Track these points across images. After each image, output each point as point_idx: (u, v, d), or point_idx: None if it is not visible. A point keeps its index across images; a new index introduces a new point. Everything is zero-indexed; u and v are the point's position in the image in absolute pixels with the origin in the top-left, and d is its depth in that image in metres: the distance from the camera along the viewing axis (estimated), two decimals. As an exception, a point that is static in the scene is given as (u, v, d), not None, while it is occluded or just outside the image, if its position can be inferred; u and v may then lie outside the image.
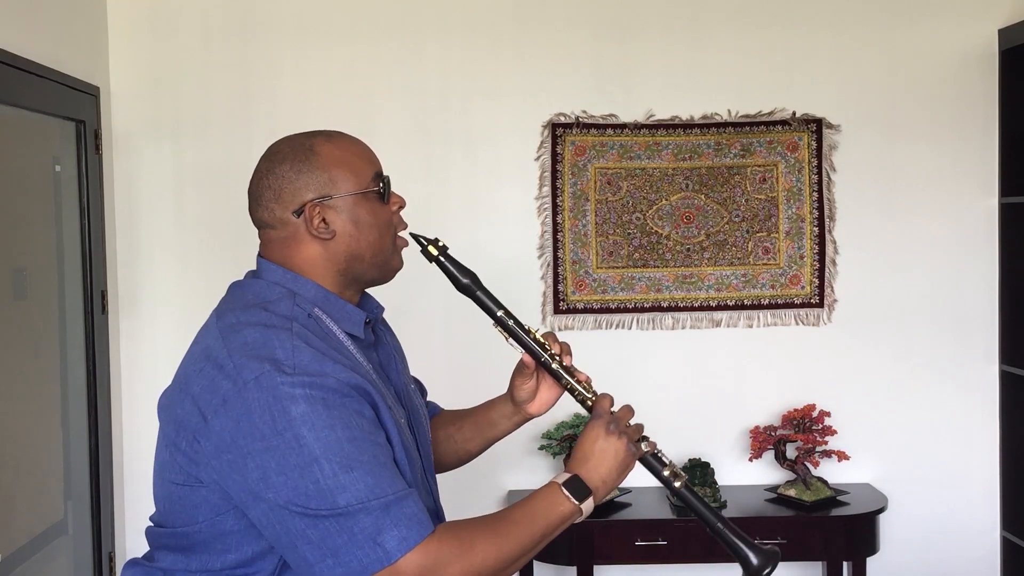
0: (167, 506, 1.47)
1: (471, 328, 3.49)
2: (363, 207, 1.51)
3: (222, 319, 1.46)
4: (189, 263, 3.56)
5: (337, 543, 1.31)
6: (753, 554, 1.56)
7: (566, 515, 1.48)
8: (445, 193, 3.53)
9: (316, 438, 1.32)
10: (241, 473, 1.35)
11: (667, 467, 1.60)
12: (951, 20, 3.54)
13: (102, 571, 3.27)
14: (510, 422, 1.79)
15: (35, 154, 3.26)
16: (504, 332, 1.65)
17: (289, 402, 1.33)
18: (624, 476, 1.56)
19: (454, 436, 1.82)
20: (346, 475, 1.32)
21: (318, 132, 1.57)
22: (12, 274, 3.05)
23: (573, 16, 3.56)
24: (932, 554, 3.62)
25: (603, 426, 1.56)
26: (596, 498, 1.52)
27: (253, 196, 1.55)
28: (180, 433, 1.42)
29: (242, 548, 1.42)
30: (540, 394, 1.74)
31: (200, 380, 1.40)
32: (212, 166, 3.55)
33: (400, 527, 1.33)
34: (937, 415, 3.62)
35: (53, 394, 3.28)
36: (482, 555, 1.38)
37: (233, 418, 1.35)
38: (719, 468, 3.54)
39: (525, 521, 1.45)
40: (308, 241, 1.51)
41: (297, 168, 1.50)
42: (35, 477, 3.19)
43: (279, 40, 3.55)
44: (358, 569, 1.31)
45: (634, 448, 1.56)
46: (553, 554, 3.35)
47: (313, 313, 1.47)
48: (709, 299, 3.58)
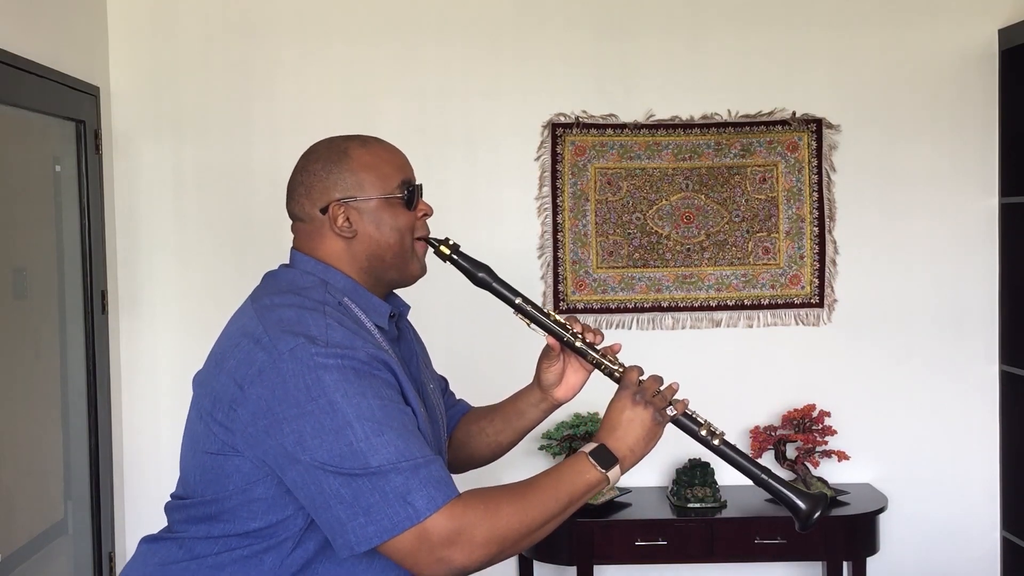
0: (198, 475, 1.52)
1: (478, 328, 3.50)
2: (386, 211, 1.58)
3: (257, 301, 1.53)
4: (189, 263, 3.56)
5: (369, 502, 1.37)
6: (801, 500, 1.60)
7: (592, 483, 1.51)
8: (445, 193, 3.52)
9: (349, 403, 1.38)
10: (277, 438, 1.40)
11: (702, 427, 1.63)
12: (951, 20, 3.54)
13: (102, 571, 3.27)
14: (538, 410, 1.82)
15: (35, 154, 3.26)
16: (525, 318, 1.68)
17: (323, 371, 1.39)
18: (652, 444, 1.59)
19: (486, 430, 1.86)
20: (377, 438, 1.38)
21: (357, 136, 1.64)
22: (12, 274, 3.05)
23: (573, 16, 3.56)
24: (932, 554, 3.62)
25: (629, 396, 1.59)
26: (623, 467, 1.55)
27: (288, 190, 1.63)
28: (217, 404, 1.47)
29: (267, 516, 1.47)
30: (567, 378, 1.78)
31: (236, 354, 1.46)
32: (212, 166, 3.55)
33: (429, 487, 1.37)
34: (937, 415, 3.62)
35: (53, 394, 3.28)
36: (507, 520, 1.41)
37: (269, 386, 1.40)
38: (719, 468, 3.53)
39: (551, 488, 1.48)
40: (332, 237, 1.58)
41: (328, 168, 1.58)
42: (35, 477, 3.19)
43: (279, 40, 3.54)
44: (388, 527, 1.36)
45: (659, 417, 1.59)
46: (553, 554, 3.36)
47: (343, 302, 1.54)
48: (709, 299, 3.58)
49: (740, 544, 3.29)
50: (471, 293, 1.73)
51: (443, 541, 1.37)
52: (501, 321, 3.43)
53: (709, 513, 3.33)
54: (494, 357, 3.45)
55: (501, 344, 3.46)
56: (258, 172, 3.50)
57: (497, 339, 3.43)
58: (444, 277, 1.92)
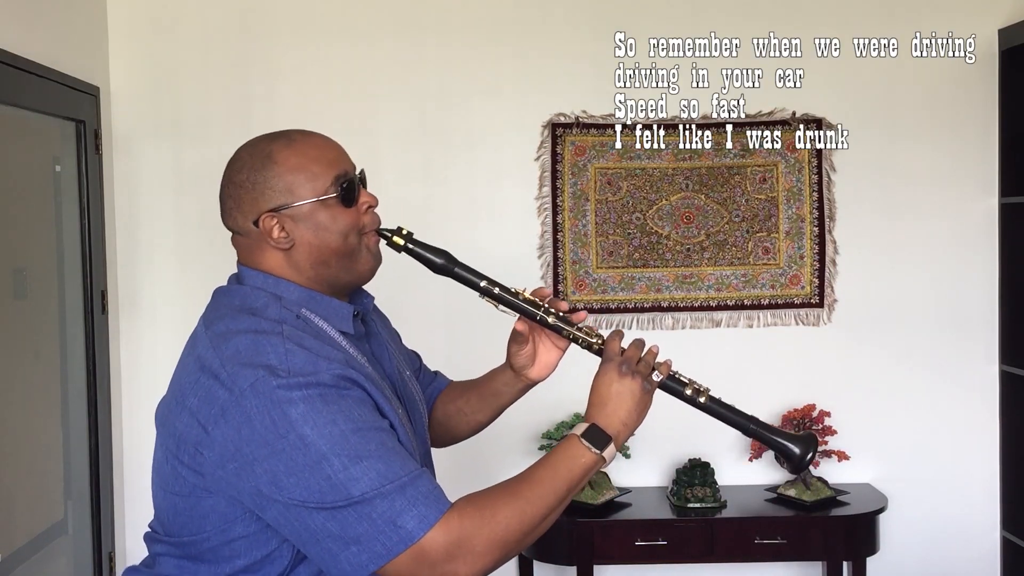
0: (171, 517, 1.46)
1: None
2: (323, 213, 1.47)
3: (211, 328, 1.44)
4: (189, 263, 3.56)
5: (358, 531, 1.31)
6: (793, 444, 1.62)
7: (589, 466, 1.46)
8: (445, 193, 3.53)
9: (320, 435, 1.31)
10: (250, 480, 1.34)
11: (687, 386, 1.60)
12: (951, 20, 3.53)
13: (102, 571, 3.27)
14: (514, 390, 1.77)
15: (35, 154, 3.26)
16: (492, 301, 1.61)
17: (287, 405, 1.32)
18: (644, 415, 1.54)
19: (463, 409, 1.82)
20: (356, 466, 1.31)
21: (281, 134, 1.53)
22: (12, 274, 3.05)
23: (573, 16, 3.56)
24: (932, 554, 3.62)
25: (615, 368, 1.53)
26: (617, 443, 1.50)
27: (220, 202, 1.55)
28: (181, 446, 1.40)
29: (251, 552, 1.41)
30: (539, 358, 1.72)
31: (196, 391, 1.39)
32: (212, 166, 3.50)
33: (418, 506, 1.32)
34: (937, 415, 3.62)
35: (53, 394, 3.27)
36: (506, 522, 1.36)
37: (234, 426, 1.33)
38: (719, 468, 3.54)
39: (547, 480, 1.42)
40: (271, 250, 1.49)
41: (254, 177, 1.48)
42: (35, 477, 3.19)
43: (279, 40, 3.54)
44: (382, 553, 1.31)
45: (647, 385, 1.54)
46: (553, 554, 3.36)
47: (301, 314, 1.45)
48: (709, 299, 3.58)
49: (740, 544, 3.29)
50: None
51: (443, 557, 1.32)
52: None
53: (709, 513, 3.33)
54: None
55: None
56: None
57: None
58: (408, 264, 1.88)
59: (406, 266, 1.70)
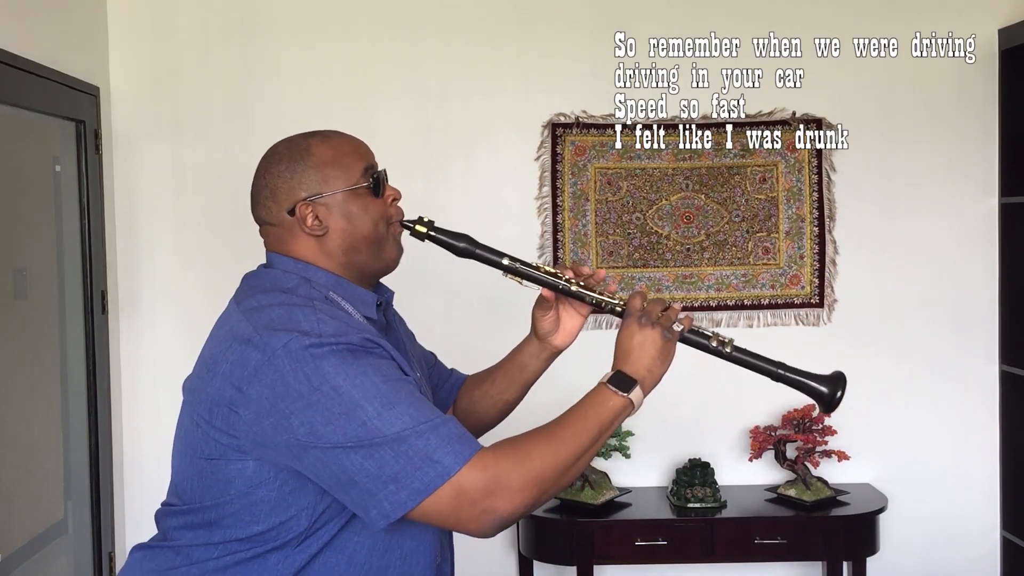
0: (196, 482, 1.50)
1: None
2: (354, 202, 1.57)
3: (243, 303, 1.51)
4: (189, 263, 3.56)
5: (395, 469, 1.36)
6: (822, 385, 1.69)
7: (617, 409, 1.52)
8: (445, 193, 3.53)
9: (352, 384, 1.38)
10: (286, 433, 1.39)
11: (711, 338, 1.67)
12: (951, 20, 3.53)
13: (102, 571, 3.27)
14: (539, 360, 1.83)
15: (35, 154, 3.26)
16: (516, 277, 1.68)
17: (320, 359, 1.38)
18: (668, 363, 1.61)
19: (489, 392, 1.87)
20: (389, 411, 1.37)
21: (315, 132, 1.62)
22: (12, 274, 3.05)
23: (573, 16, 3.56)
24: (932, 554, 3.62)
25: (635, 321, 1.61)
26: (644, 388, 1.56)
27: (253, 195, 1.62)
28: (214, 410, 1.45)
29: (271, 518, 1.46)
30: (563, 324, 1.79)
31: (228, 357, 1.44)
32: (212, 166, 3.55)
33: (453, 443, 1.37)
34: (937, 415, 3.62)
35: (53, 394, 3.28)
36: (540, 460, 1.41)
37: (268, 384, 1.39)
38: (719, 468, 3.54)
39: (578, 422, 1.48)
40: (304, 237, 1.57)
41: (291, 168, 1.56)
42: (35, 477, 3.19)
43: (279, 40, 3.54)
44: (420, 488, 1.36)
45: (668, 334, 1.60)
46: (553, 554, 3.36)
47: (329, 296, 1.53)
48: (709, 299, 3.58)
49: (740, 544, 3.29)
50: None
51: (482, 493, 1.36)
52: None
53: (709, 513, 3.33)
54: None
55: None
56: (258, 172, 3.50)
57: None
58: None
59: (403, 273, 1.71)
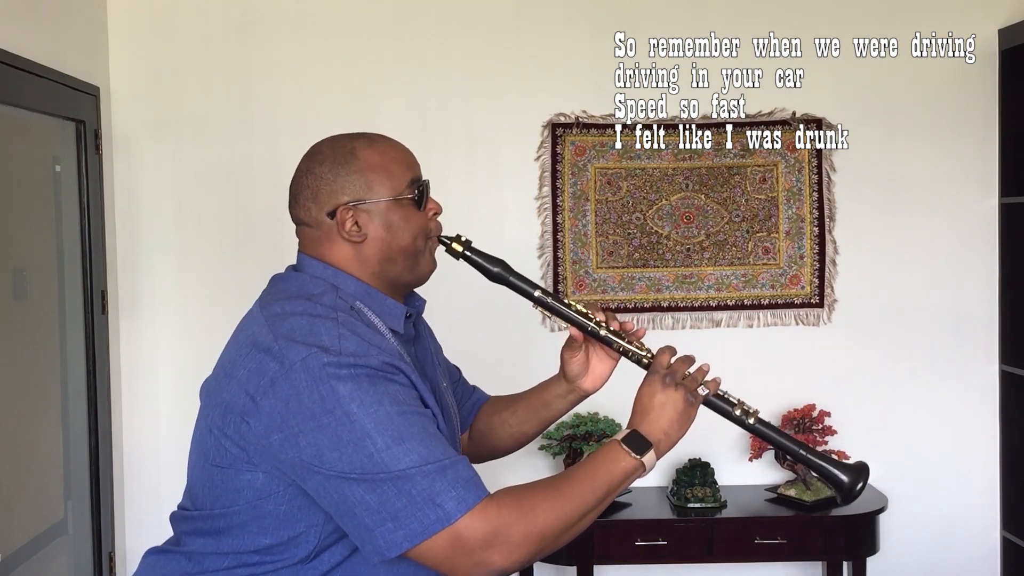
0: (207, 489, 1.48)
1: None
2: (396, 212, 1.52)
3: (267, 308, 1.47)
4: (189, 263, 3.56)
5: (396, 507, 1.33)
6: (843, 473, 1.61)
7: (628, 471, 1.49)
8: (445, 193, 3.46)
9: (365, 413, 1.34)
10: (293, 451, 1.36)
11: (736, 407, 1.61)
12: (951, 20, 3.53)
13: (102, 571, 3.27)
14: (565, 401, 1.79)
15: (35, 154, 3.26)
16: (545, 310, 1.65)
17: (336, 381, 1.35)
18: (687, 427, 1.57)
19: (508, 420, 1.84)
20: (399, 446, 1.34)
21: (361, 135, 1.58)
22: (12, 274, 3.05)
23: (573, 16, 3.56)
24: (932, 554, 3.62)
25: (659, 380, 1.56)
26: (659, 451, 1.52)
27: (292, 194, 1.57)
28: (227, 416, 1.42)
29: (278, 532, 1.43)
30: (593, 368, 1.75)
31: (247, 364, 1.41)
32: (212, 166, 3.55)
33: (457, 488, 1.34)
34: (937, 415, 3.62)
35: (53, 394, 3.27)
36: (543, 516, 1.38)
37: (282, 398, 1.36)
38: (719, 468, 3.54)
39: (586, 480, 1.45)
40: (341, 242, 1.52)
41: (335, 171, 1.52)
42: (35, 477, 3.19)
43: (279, 40, 3.54)
44: (419, 530, 1.33)
45: (691, 398, 1.56)
46: (553, 554, 3.35)
47: (355, 306, 1.49)
48: (709, 299, 3.58)
49: (740, 544, 3.29)
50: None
51: (480, 544, 1.33)
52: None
53: (709, 513, 3.33)
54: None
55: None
56: (258, 172, 3.50)
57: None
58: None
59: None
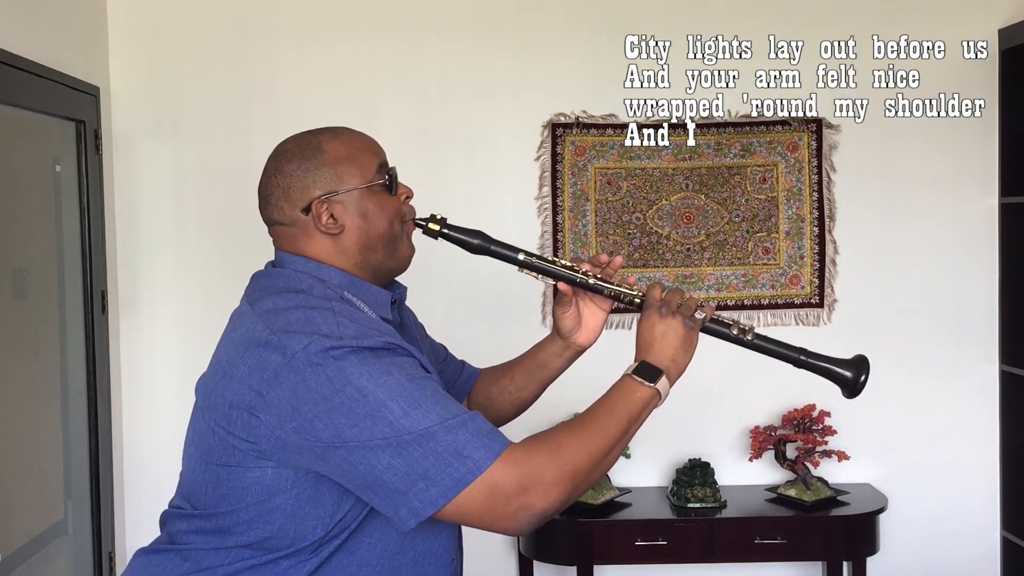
0: (211, 488, 1.46)
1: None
2: (370, 200, 1.54)
3: (257, 305, 1.46)
4: (189, 263, 3.56)
5: (425, 466, 1.32)
6: (845, 370, 1.67)
7: (645, 400, 1.50)
8: (445, 193, 3.53)
9: (376, 384, 1.34)
10: (310, 436, 1.35)
11: (732, 326, 1.65)
12: (951, 20, 3.53)
13: (102, 571, 3.27)
14: (562, 359, 1.81)
15: (35, 154, 3.26)
16: (532, 272, 1.67)
17: (341, 361, 1.35)
18: (691, 352, 1.59)
19: (507, 388, 1.85)
20: (416, 410, 1.34)
21: (324, 129, 1.59)
22: (12, 274, 3.04)
23: (573, 16, 3.56)
24: (932, 554, 3.62)
25: (655, 312, 1.59)
26: (670, 378, 1.55)
27: (263, 195, 1.58)
28: (232, 414, 1.41)
29: (285, 525, 1.43)
30: (585, 321, 1.78)
31: (246, 360, 1.40)
32: (212, 166, 3.55)
33: (482, 438, 1.34)
34: (937, 415, 3.62)
35: (53, 394, 3.27)
36: (572, 453, 1.38)
37: (289, 387, 1.35)
38: (719, 468, 3.54)
39: (606, 415, 1.46)
40: (319, 236, 1.53)
41: (304, 166, 1.53)
42: (35, 477, 3.19)
43: (279, 40, 3.55)
44: (452, 484, 1.32)
45: (691, 322, 1.59)
46: (553, 554, 3.36)
47: (344, 296, 1.49)
48: (709, 299, 3.58)
49: (740, 544, 3.29)
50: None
51: (516, 489, 1.33)
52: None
53: (709, 513, 3.33)
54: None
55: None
56: (258, 172, 3.44)
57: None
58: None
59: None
